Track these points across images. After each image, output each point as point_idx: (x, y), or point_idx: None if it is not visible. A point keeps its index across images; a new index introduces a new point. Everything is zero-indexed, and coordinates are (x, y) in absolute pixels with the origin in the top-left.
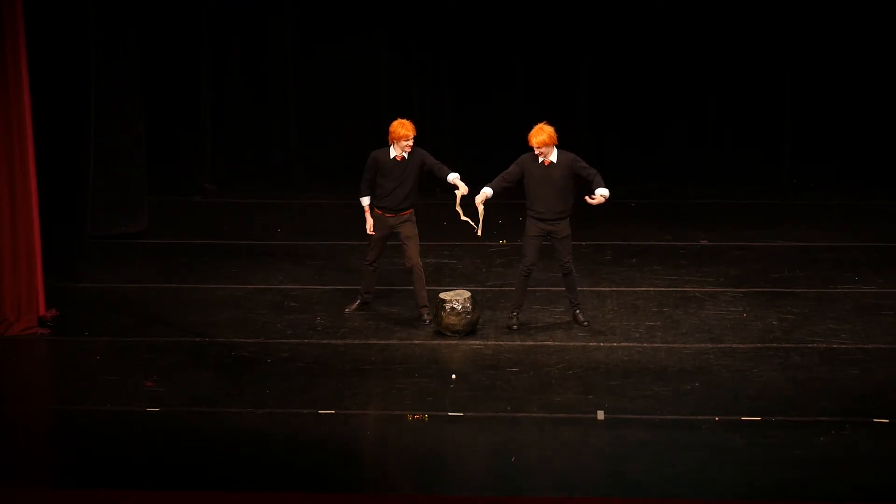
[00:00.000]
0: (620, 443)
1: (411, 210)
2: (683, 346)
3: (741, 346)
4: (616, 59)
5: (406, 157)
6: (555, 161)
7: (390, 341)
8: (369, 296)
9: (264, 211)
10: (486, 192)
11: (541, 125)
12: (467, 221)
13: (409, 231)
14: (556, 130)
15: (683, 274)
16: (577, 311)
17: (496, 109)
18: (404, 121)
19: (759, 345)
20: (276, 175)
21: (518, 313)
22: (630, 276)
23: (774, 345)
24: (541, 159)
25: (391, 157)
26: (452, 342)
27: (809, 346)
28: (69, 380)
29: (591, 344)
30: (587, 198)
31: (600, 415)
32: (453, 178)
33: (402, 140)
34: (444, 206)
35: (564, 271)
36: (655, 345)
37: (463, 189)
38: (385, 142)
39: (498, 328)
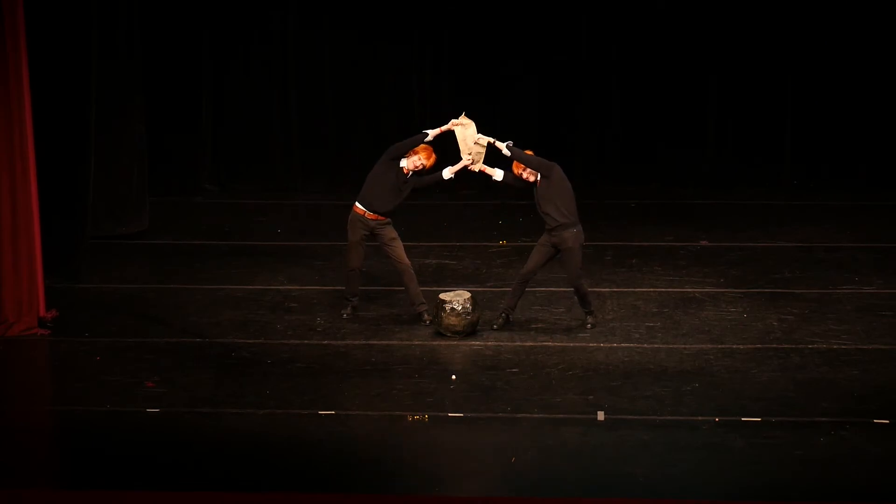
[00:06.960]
0: (620, 443)
1: (389, 219)
2: (683, 346)
3: (741, 346)
4: (617, 60)
5: (412, 174)
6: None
7: (390, 342)
8: (356, 299)
9: (265, 212)
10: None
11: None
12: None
13: (391, 233)
14: (555, 131)
15: (684, 274)
16: (588, 316)
17: (496, 109)
18: (431, 151)
19: (759, 345)
20: (276, 176)
21: (507, 315)
22: (630, 277)
23: (774, 345)
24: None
25: (401, 164)
26: (452, 343)
27: (809, 346)
28: (69, 380)
29: (591, 345)
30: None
31: (600, 415)
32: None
33: (413, 156)
34: (443, 206)
35: (573, 286)
36: (655, 345)
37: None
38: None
39: (498, 329)
